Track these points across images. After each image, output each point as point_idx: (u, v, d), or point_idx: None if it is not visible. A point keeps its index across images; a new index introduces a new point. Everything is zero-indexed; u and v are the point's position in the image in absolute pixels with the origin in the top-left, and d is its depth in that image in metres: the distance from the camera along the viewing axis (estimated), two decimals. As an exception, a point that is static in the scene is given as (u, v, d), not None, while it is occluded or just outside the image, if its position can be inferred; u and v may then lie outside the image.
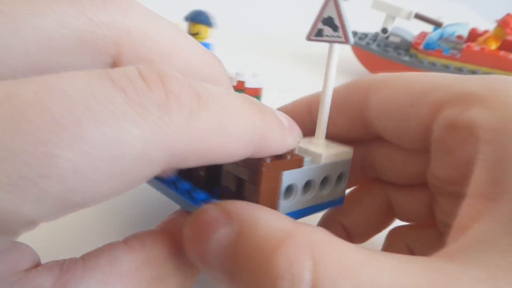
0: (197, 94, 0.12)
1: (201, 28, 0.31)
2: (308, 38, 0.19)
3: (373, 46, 0.50)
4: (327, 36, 0.18)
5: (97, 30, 0.13)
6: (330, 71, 0.19)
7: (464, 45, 0.45)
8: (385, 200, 0.22)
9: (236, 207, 0.14)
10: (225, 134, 0.12)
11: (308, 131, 0.20)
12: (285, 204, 0.17)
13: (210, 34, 0.33)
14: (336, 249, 0.12)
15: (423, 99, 0.17)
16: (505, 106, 0.15)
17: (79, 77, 0.11)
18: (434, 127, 0.17)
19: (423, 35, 0.50)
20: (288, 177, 0.16)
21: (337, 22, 0.18)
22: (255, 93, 0.28)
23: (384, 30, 0.50)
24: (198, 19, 0.31)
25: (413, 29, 0.51)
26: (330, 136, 0.20)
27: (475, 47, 0.44)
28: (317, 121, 0.20)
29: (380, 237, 0.23)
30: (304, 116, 0.21)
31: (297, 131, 0.16)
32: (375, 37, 0.52)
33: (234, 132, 0.13)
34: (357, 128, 0.20)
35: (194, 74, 0.15)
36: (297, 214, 0.18)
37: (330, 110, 0.20)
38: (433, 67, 0.46)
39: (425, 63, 0.46)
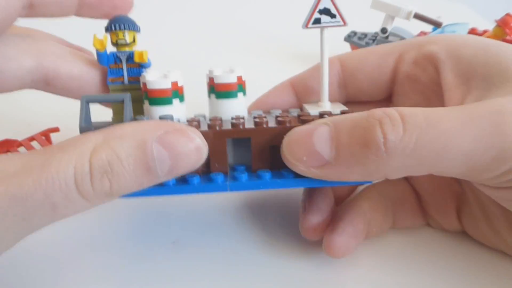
0: None
1: (135, 35, 0.26)
2: (306, 26, 0.24)
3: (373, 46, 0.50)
4: (325, 22, 0.24)
5: None
6: (324, 51, 0.25)
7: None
8: None
9: (321, 120, 0.20)
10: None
11: (293, 104, 0.27)
12: None
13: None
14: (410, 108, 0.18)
15: (388, 56, 0.25)
16: (450, 40, 0.23)
17: None
18: (400, 69, 0.25)
19: (422, 35, 0.50)
20: None
21: (333, 11, 0.23)
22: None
23: (384, 30, 0.50)
24: (130, 26, 0.26)
25: (412, 29, 0.51)
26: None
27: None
28: (321, 88, 0.25)
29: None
30: (289, 94, 0.28)
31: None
32: (374, 37, 0.52)
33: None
34: (335, 91, 0.27)
35: None
36: None
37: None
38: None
39: (424, 63, 0.46)
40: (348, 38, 0.53)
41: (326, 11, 0.23)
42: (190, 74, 0.28)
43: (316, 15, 0.24)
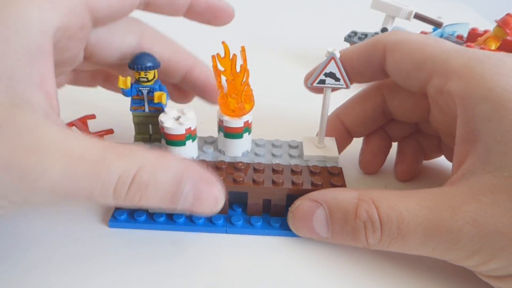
0: None
1: (155, 72, 0.29)
2: (311, 85, 0.27)
3: (373, 46, 0.50)
4: (330, 84, 0.27)
5: None
6: (325, 105, 0.28)
7: (464, 45, 0.45)
8: (381, 104, 0.31)
9: (318, 196, 0.25)
10: None
11: (372, 73, 0.29)
12: None
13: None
14: (385, 195, 0.24)
15: (421, 67, 0.26)
16: (472, 78, 0.23)
17: None
18: (428, 88, 0.26)
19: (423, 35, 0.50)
20: None
21: (338, 75, 0.27)
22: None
23: (384, 30, 0.50)
24: (151, 67, 0.28)
25: (413, 29, 0.51)
26: (359, 79, 0.30)
27: (475, 47, 0.44)
28: (319, 133, 0.30)
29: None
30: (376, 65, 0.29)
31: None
32: (375, 37, 0.52)
33: None
34: (379, 74, 0.29)
35: None
36: None
37: (357, 65, 0.29)
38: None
39: (425, 63, 0.46)
40: (348, 38, 0.53)
41: (331, 75, 0.27)
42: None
43: (322, 77, 0.27)
